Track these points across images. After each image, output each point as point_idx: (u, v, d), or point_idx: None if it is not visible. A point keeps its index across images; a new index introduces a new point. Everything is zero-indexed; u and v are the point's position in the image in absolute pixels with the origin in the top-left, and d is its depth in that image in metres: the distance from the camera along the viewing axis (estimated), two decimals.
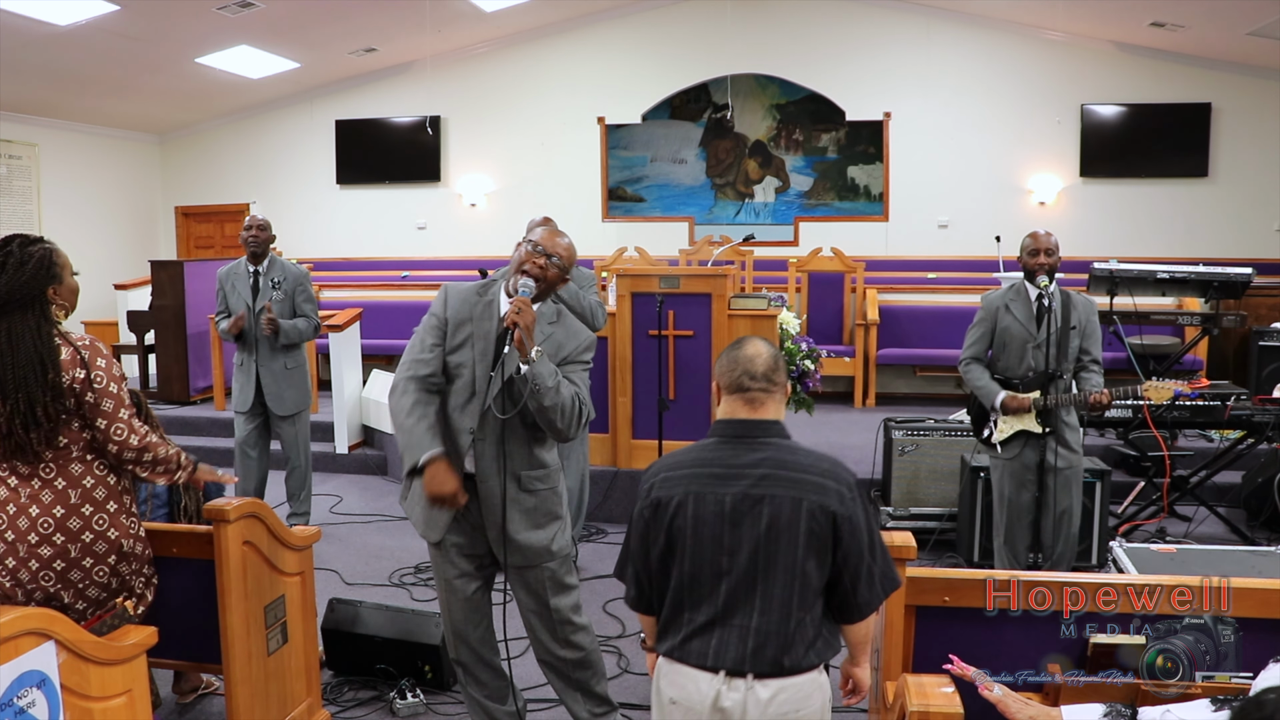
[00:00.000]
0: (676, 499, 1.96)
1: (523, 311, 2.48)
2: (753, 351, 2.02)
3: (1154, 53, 8.80)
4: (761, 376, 2.00)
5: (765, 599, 1.90)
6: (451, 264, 9.66)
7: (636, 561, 2.06)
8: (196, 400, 7.58)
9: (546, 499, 2.72)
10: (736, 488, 1.93)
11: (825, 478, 1.93)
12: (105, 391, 2.41)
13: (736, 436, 1.99)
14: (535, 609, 2.78)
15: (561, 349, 2.65)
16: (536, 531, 2.69)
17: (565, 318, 2.72)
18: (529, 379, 2.48)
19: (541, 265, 2.59)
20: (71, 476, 2.41)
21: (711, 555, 1.93)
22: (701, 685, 1.91)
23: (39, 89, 8.39)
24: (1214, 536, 4.87)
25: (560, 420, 2.54)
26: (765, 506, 1.91)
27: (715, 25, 9.32)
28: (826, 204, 9.59)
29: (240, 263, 4.87)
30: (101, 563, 2.43)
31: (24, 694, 1.93)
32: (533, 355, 2.48)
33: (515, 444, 2.62)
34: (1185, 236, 8.81)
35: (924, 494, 4.93)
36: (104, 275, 9.02)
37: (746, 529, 1.91)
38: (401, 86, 10.07)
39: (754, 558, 1.91)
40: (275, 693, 2.91)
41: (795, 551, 1.90)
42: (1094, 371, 3.84)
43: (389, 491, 6.20)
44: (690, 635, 1.94)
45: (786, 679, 1.89)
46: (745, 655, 1.89)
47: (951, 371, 7.52)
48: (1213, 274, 5.49)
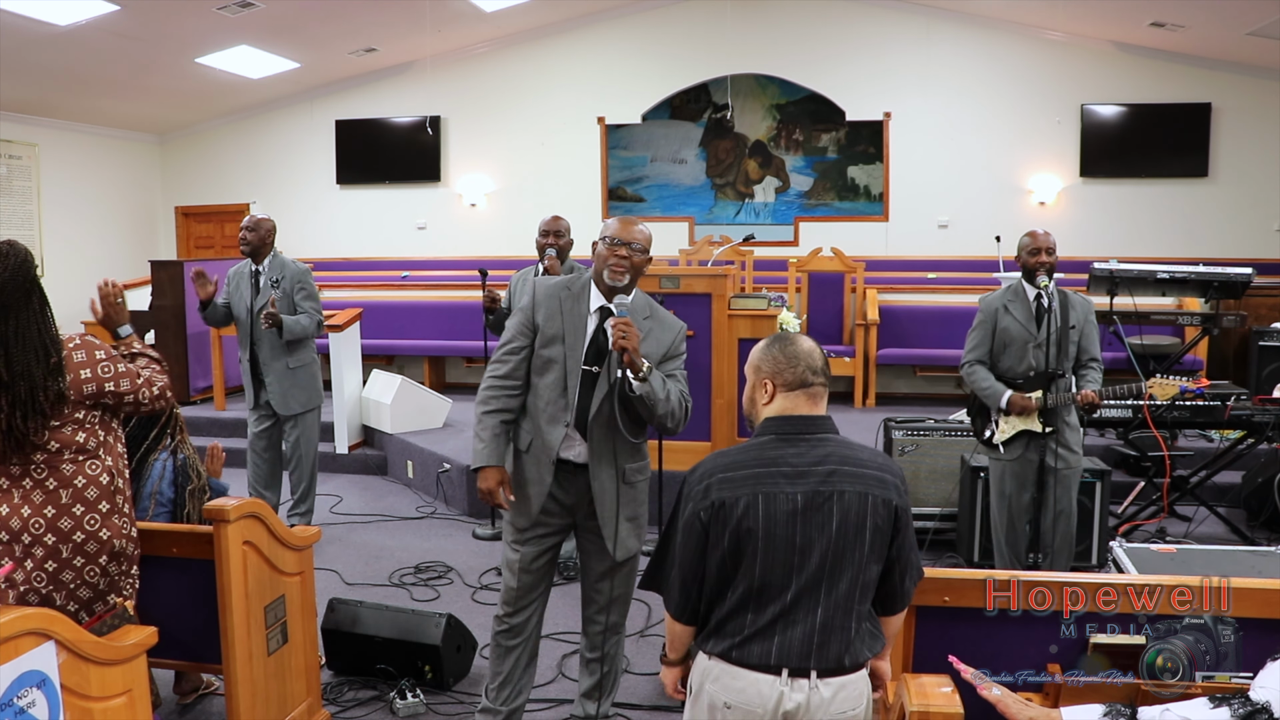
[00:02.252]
0: (744, 500, 1.90)
1: (629, 335, 2.52)
2: (809, 346, 2.03)
3: (1154, 53, 8.80)
4: (821, 371, 2.02)
5: (830, 595, 1.89)
6: (452, 264, 9.66)
7: (686, 568, 1.96)
8: (196, 400, 7.58)
9: (642, 491, 2.86)
10: (806, 485, 1.91)
11: (884, 471, 1.96)
12: (116, 375, 2.47)
13: (797, 433, 1.97)
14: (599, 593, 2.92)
15: (661, 344, 2.73)
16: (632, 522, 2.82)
17: (657, 311, 2.79)
18: (644, 397, 2.58)
19: (624, 256, 2.63)
20: (63, 477, 2.41)
21: (785, 555, 1.89)
22: (763, 688, 1.87)
23: (39, 89, 8.39)
24: (1214, 536, 4.87)
25: (670, 422, 2.67)
26: (835, 503, 1.90)
27: (715, 25, 9.32)
28: (826, 204, 9.59)
29: (246, 263, 4.89)
30: (93, 563, 2.43)
31: (24, 694, 1.93)
32: (644, 373, 2.55)
33: (622, 442, 2.73)
34: (1185, 236, 8.81)
35: (924, 494, 4.93)
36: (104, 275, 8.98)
37: (818, 527, 1.90)
38: (401, 86, 10.07)
39: (824, 555, 1.89)
40: (275, 693, 2.91)
41: (863, 547, 1.91)
42: (1094, 369, 3.85)
43: (389, 491, 6.21)
44: (751, 636, 1.89)
45: (846, 676, 1.90)
46: (810, 653, 1.87)
47: (952, 371, 7.52)
48: (1213, 274, 5.49)
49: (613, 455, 2.74)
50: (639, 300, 2.75)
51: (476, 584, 4.54)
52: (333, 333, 6.55)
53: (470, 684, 3.52)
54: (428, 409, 6.73)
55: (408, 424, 6.60)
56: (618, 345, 2.52)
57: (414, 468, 6.25)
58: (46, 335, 2.38)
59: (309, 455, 5.01)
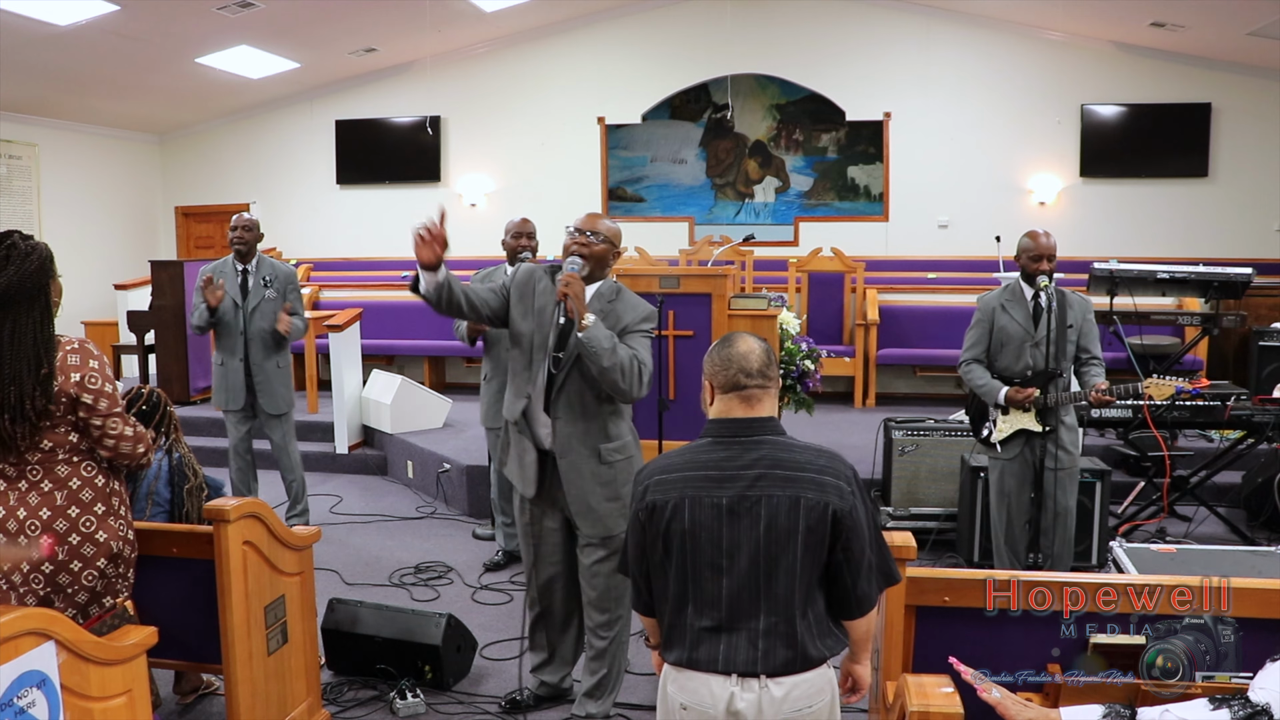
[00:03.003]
0: (672, 502, 1.93)
1: (571, 283, 2.74)
2: (745, 348, 2.00)
3: (1154, 53, 8.80)
4: (757, 373, 1.98)
5: (769, 600, 1.89)
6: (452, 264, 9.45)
7: (635, 565, 2.05)
8: (196, 400, 7.57)
9: (623, 471, 2.95)
10: (733, 489, 1.91)
11: (823, 474, 1.91)
12: (100, 392, 2.40)
13: (732, 436, 1.97)
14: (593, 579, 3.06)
15: (620, 320, 2.89)
16: (615, 502, 2.95)
17: (624, 294, 2.97)
18: (585, 342, 2.72)
19: (583, 243, 2.87)
20: (58, 478, 2.40)
21: (711, 558, 1.91)
22: (714, 688, 1.89)
23: (39, 89, 8.39)
24: (1214, 536, 4.87)
25: (622, 380, 2.77)
26: (763, 507, 1.89)
27: (715, 25, 9.32)
28: (826, 204, 9.59)
29: (226, 261, 4.85)
30: (90, 566, 2.42)
31: (24, 694, 1.93)
32: (586, 321, 2.72)
33: (591, 420, 2.89)
34: (1185, 236, 8.80)
35: (924, 494, 4.93)
36: (104, 275, 9.02)
37: (745, 531, 1.89)
38: (401, 86, 10.06)
39: (755, 559, 1.89)
40: (275, 693, 2.91)
41: (795, 550, 1.88)
42: (1095, 367, 3.85)
43: (389, 491, 6.21)
44: (697, 642, 1.92)
45: (799, 675, 1.89)
46: (756, 657, 1.88)
47: (952, 371, 7.52)
48: (1213, 274, 5.49)
49: (583, 434, 2.89)
50: (607, 286, 2.95)
51: (476, 584, 4.54)
52: (333, 333, 6.55)
53: (470, 684, 3.52)
54: (428, 409, 6.73)
55: (408, 424, 6.60)
56: (560, 293, 2.75)
57: (414, 468, 6.25)
58: (41, 344, 2.33)
59: (297, 453, 5.04)
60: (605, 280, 2.97)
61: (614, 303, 2.92)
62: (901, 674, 2.17)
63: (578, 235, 2.89)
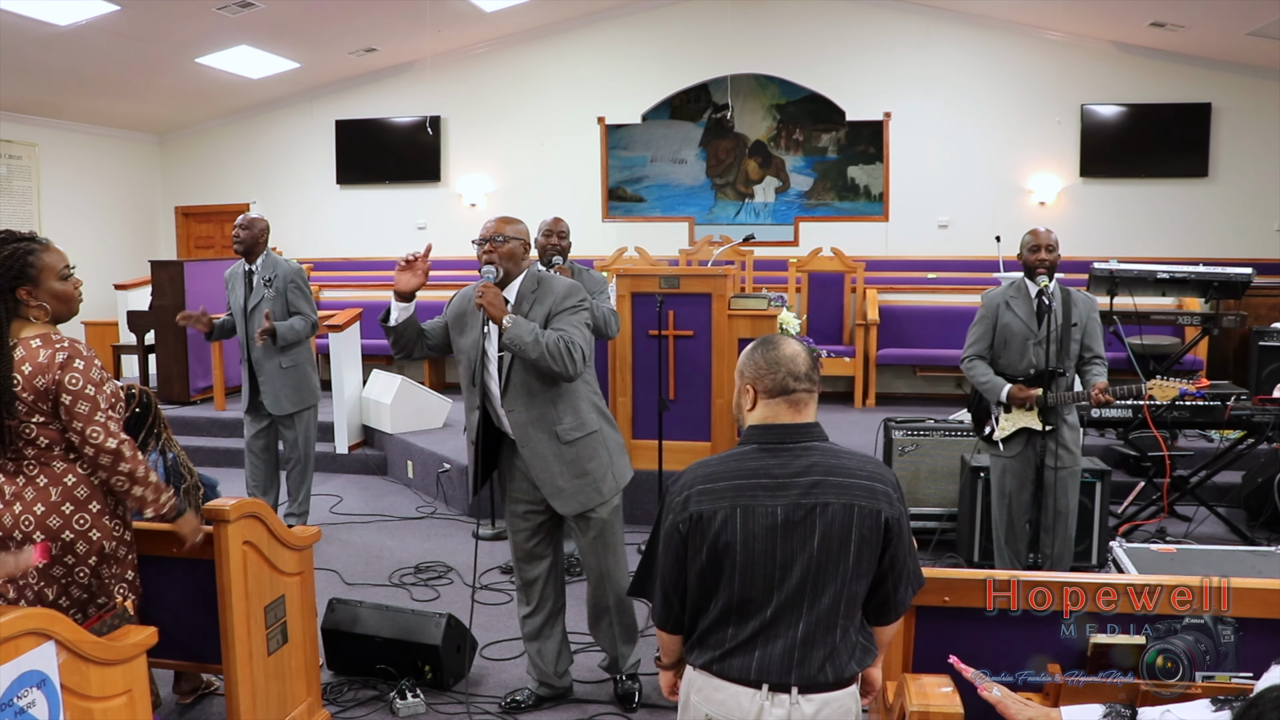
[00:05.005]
0: (722, 513, 1.84)
1: (484, 293, 2.90)
2: (792, 351, 1.93)
3: (1154, 53, 8.79)
4: (805, 376, 1.91)
5: (812, 609, 1.83)
6: (451, 264, 9.62)
7: (668, 579, 1.93)
8: (196, 400, 7.58)
9: (586, 448, 3.08)
10: (786, 498, 1.83)
11: (873, 480, 1.87)
12: (80, 394, 2.38)
13: (779, 442, 1.89)
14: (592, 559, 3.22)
15: (545, 306, 3.00)
16: (583, 478, 3.08)
17: (545, 282, 3.06)
18: (509, 344, 2.89)
19: (488, 250, 2.99)
20: (53, 474, 2.40)
21: (765, 570, 1.83)
22: (743, 701, 1.82)
23: (39, 89, 8.39)
24: (1214, 536, 4.87)
25: (555, 364, 2.89)
26: (818, 516, 1.82)
27: (715, 25, 9.32)
28: (826, 204, 9.59)
29: (241, 262, 4.87)
30: (83, 563, 2.42)
31: (24, 694, 1.93)
32: (505, 324, 2.88)
33: (543, 405, 3.02)
34: (1185, 236, 8.80)
35: (924, 494, 4.93)
36: (104, 275, 9.00)
37: (799, 540, 1.82)
38: (401, 86, 10.06)
39: (807, 569, 1.82)
40: (275, 693, 2.91)
41: (848, 560, 1.83)
42: (1098, 365, 3.85)
43: (389, 491, 6.21)
44: (732, 650, 1.85)
45: (831, 693, 1.83)
46: (791, 668, 1.82)
47: (952, 371, 7.52)
48: (1213, 274, 5.49)
49: (538, 420, 3.03)
50: (527, 280, 3.05)
51: (477, 584, 4.54)
52: (333, 333, 6.56)
53: (470, 684, 3.52)
54: (427, 409, 6.73)
55: (408, 424, 6.60)
56: (477, 304, 2.93)
57: (414, 468, 6.25)
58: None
59: (305, 456, 4.98)
60: (525, 274, 3.07)
61: (536, 292, 3.03)
62: (901, 674, 2.17)
63: (485, 245, 3.01)
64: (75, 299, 2.51)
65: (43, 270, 2.43)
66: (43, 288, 2.43)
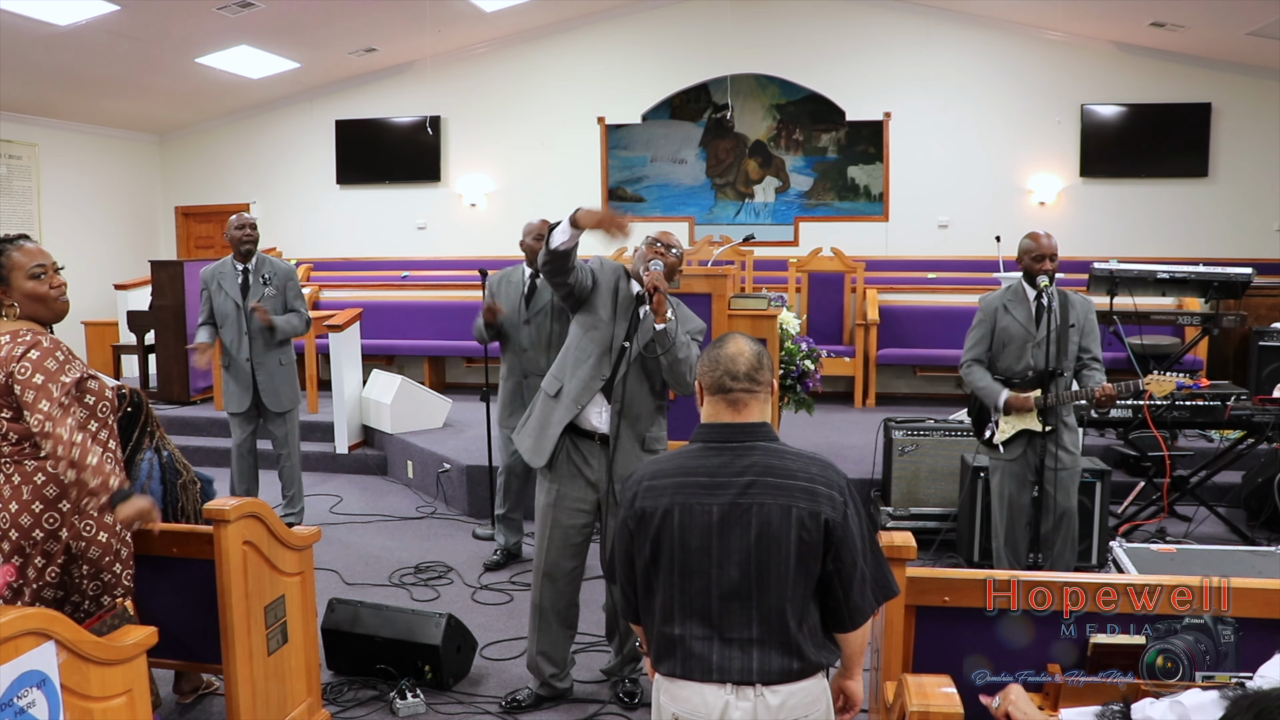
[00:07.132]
0: (662, 509, 1.88)
1: (660, 281, 2.98)
2: (734, 350, 1.93)
3: (1154, 53, 8.79)
4: (744, 376, 1.90)
5: (761, 610, 1.84)
6: (452, 264, 9.65)
7: (623, 573, 1.99)
8: (196, 400, 7.57)
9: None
10: (723, 497, 1.85)
11: (814, 482, 1.86)
12: (28, 382, 2.35)
13: (721, 441, 1.91)
14: None
15: (685, 320, 3.16)
16: None
17: (682, 306, 3.23)
18: (667, 333, 2.99)
19: (662, 253, 3.13)
20: (25, 472, 2.41)
21: (700, 568, 1.86)
22: (708, 697, 1.84)
23: (39, 89, 8.39)
24: (1214, 536, 4.87)
25: (687, 373, 3.01)
26: (754, 516, 1.83)
27: (715, 25, 9.32)
28: (826, 204, 9.59)
29: (225, 262, 4.89)
30: (52, 563, 2.43)
31: (24, 694, 1.93)
32: (670, 316, 2.99)
33: (643, 409, 3.13)
34: (1185, 236, 8.80)
35: (924, 494, 4.93)
36: (104, 275, 9.02)
37: (735, 540, 1.84)
38: (401, 86, 10.06)
39: (745, 569, 1.84)
40: (275, 693, 2.91)
41: (787, 561, 1.83)
42: (1095, 369, 3.85)
43: (389, 491, 6.20)
44: (688, 652, 1.87)
45: (795, 684, 1.84)
46: (751, 666, 1.83)
47: (952, 371, 7.52)
48: (1213, 274, 5.49)
49: (635, 418, 3.11)
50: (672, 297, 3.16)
51: (476, 584, 4.54)
52: (333, 333, 6.55)
53: (470, 684, 3.52)
54: (428, 409, 6.73)
55: (408, 424, 6.60)
56: (650, 284, 2.96)
57: (414, 468, 6.25)
58: None
59: (297, 452, 5.07)
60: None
61: (675, 310, 3.14)
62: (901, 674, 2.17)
63: (659, 245, 3.15)
64: (50, 298, 2.49)
65: (11, 269, 2.44)
66: (14, 287, 2.44)
